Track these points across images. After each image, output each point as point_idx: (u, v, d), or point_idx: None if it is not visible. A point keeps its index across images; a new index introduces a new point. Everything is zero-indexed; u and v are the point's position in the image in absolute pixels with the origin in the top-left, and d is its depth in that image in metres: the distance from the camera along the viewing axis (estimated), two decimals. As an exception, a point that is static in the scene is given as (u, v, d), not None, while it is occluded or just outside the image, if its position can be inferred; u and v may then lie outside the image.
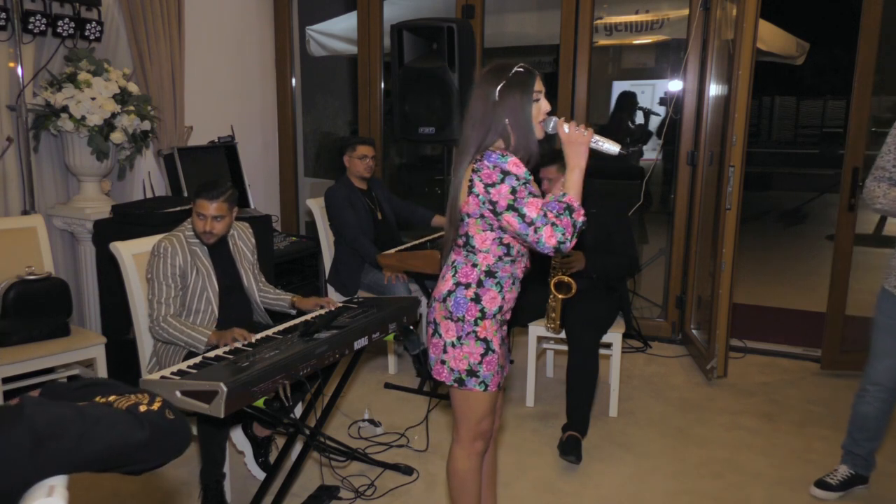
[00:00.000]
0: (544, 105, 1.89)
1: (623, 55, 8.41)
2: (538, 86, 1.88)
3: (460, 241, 1.93)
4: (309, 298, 2.74)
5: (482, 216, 1.86)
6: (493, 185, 1.79)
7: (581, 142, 1.84)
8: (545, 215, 1.77)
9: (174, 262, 2.50)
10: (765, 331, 4.46)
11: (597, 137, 1.87)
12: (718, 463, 2.90)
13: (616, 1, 5.10)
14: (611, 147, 1.88)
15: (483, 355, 1.93)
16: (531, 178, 1.83)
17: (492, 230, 1.88)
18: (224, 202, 2.54)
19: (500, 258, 1.91)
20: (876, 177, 2.48)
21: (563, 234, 1.76)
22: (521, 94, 1.85)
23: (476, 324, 1.92)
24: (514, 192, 1.78)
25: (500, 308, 1.94)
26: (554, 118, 1.89)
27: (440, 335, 1.96)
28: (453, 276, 1.94)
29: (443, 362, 1.96)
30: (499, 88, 1.84)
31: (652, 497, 2.66)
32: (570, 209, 1.78)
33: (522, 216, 1.77)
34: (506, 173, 1.79)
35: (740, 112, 3.41)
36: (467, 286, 1.91)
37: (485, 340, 1.93)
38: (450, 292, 1.93)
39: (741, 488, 2.72)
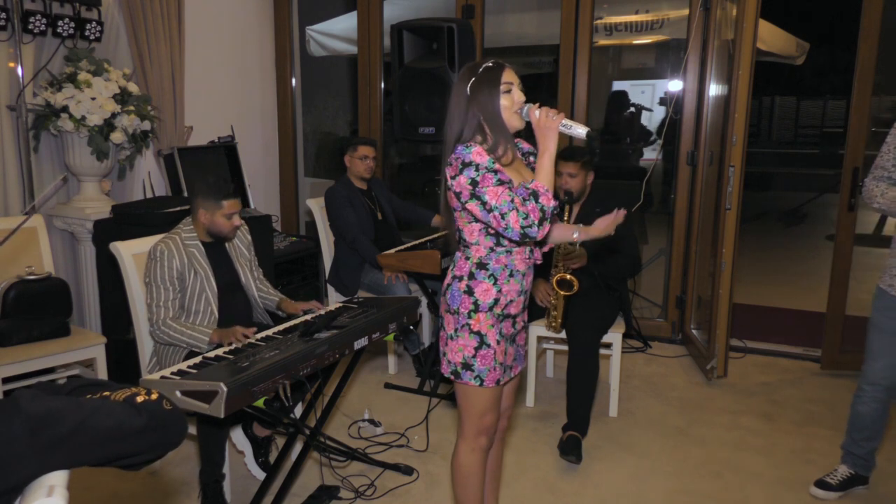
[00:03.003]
0: (518, 95, 1.90)
1: (623, 55, 8.40)
2: (508, 77, 1.89)
3: (457, 237, 1.97)
4: (297, 302, 2.73)
5: (463, 208, 1.88)
6: (454, 177, 1.83)
7: (550, 126, 1.84)
8: (511, 201, 1.76)
9: (171, 265, 2.49)
10: (765, 331, 4.46)
11: (566, 121, 1.86)
12: (718, 463, 2.91)
13: (616, 1, 5.10)
14: (580, 130, 1.87)
15: (477, 349, 1.93)
16: (496, 165, 1.81)
17: (476, 221, 1.89)
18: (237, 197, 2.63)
19: (491, 249, 1.91)
20: (875, 176, 2.49)
21: (527, 219, 1.75)
22: (489, 88, 1.88)
23: (469, 316, 1.93)
24: (473, 182, 1.79)
25: (497, 301, 1.92)
26: (526, 105, 1.91)
27: (444, 328, 2.00)
28: (452, 269, 1.98)
29: (444, 354, 2.00)
30: (469, 85, 1.89)
31: (652, 497, 2.66)
32: (535, 194, 1.77)
33: (483, 203, 1.79)
34: (465, 164, 1.80)
35: (740, 112, 3.41)
36: (460, 279, 1.94)
37: (478, 334, 1.93)
38: (448, 286, 1.98)
39: (741, 488, 2.72)
